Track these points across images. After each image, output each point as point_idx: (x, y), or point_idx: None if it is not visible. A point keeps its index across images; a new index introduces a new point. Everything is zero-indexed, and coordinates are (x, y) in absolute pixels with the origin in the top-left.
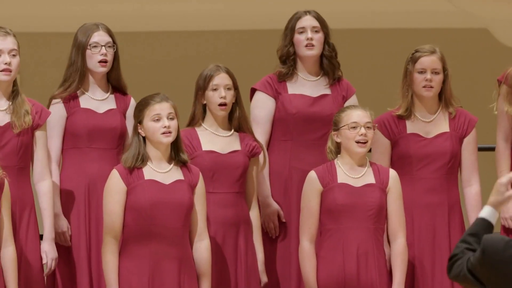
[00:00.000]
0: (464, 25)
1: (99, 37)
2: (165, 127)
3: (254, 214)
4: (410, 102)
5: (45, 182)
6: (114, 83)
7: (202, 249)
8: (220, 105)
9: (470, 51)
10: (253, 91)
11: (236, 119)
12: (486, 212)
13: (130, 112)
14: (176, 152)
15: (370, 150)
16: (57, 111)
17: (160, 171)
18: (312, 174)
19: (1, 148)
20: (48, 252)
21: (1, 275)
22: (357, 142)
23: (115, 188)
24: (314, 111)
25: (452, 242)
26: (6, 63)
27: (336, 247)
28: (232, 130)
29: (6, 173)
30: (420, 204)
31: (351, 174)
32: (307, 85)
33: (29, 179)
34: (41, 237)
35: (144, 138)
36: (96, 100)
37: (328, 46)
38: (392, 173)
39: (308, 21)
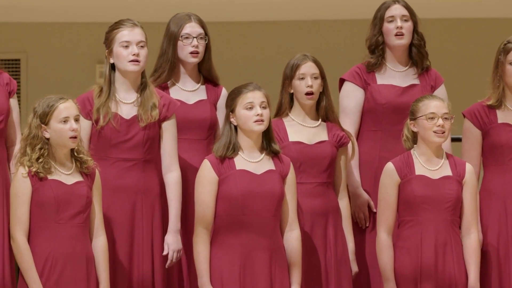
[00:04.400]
0: None
1: (191, 28)
2: (257, 115)
3: (343, 204)
4: (502, 92)
5: (172, 174)
6: (205, 74)
7: (292, 239)
8: (307, 94)
9: None
10: (341, 81)
11: (323, 109)
12: None
13: (221, 102)
14: (268, 142)
15: (451, 140)
16: None
17: (252, 161)
18: (390, 166)
19: (127, 141)
20: (171, 244)
21: (93, 264)
22: (435, 132)
23: (206, 178)
24: (403, 101)
25: None
26: (134, 54)
27: (414, 238)
28: (320, 120)
29: (97, 164)
30: None
31: (428, 166)
32: (396, 76)
33: (156, 171)
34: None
35: (236, 127)
36: (186, 91)
37: (417, 35)
38: (469, 166)
39: (397, 10)
